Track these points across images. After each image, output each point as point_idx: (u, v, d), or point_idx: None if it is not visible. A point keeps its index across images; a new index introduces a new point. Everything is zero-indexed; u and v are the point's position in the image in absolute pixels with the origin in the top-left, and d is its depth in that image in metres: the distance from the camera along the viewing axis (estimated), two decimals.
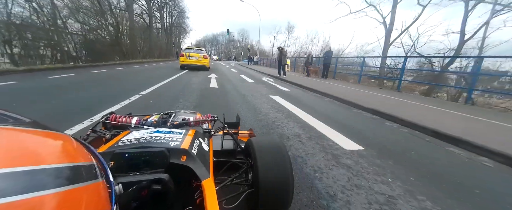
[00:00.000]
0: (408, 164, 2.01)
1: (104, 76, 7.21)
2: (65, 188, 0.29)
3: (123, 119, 1.16)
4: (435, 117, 3.69)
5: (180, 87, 5.61)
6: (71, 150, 0.37)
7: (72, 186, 0.30)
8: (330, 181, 1.62)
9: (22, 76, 6.36)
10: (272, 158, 1.04)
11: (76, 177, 0.32)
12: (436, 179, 1.78)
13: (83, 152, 0.40)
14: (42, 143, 0.34)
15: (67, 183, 0.29)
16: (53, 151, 0.34)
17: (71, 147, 0.38)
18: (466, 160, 2.24)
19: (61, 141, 0.38)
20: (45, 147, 0.34)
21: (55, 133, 0.39)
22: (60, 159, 0.32)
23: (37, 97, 3.68)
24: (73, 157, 0.35)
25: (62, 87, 4.83)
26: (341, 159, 2.01)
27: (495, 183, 1.83)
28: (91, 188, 0.34)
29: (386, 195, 1.50)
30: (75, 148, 0.39)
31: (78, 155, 0.37)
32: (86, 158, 0.38)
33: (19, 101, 3.37)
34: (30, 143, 0.32)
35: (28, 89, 4.43)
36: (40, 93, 3.99)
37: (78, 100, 3.62)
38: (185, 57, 10.86)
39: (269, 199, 0.99)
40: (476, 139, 2.52)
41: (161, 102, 3.83)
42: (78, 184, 0.31)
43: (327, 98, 5.39)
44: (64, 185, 0.29)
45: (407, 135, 2.91)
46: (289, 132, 2.66)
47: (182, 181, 0.78)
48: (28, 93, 3.97)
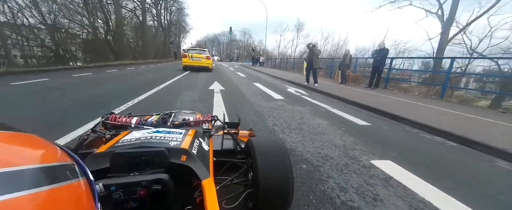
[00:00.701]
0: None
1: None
2: (43, 189, 0.28)
3: (123, 119, 1.16)
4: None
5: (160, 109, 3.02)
6: (44, 150, 0.37)
7: (50, 186, 0.29)
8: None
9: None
10: (272, 158, 1.04)
11: (53, 177, 0.31)
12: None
13: (57, 152, 0.39)
14: (12, 144, 0.34)
15: (45, 184, 0.29)
16: (26, 152, 0.33)
17: (44, 148, 0.38)
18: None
19: (32, 142, 0.37)
20: (16, 149, 0.33)
21: (26, 134, 0.38)
22: (37, 159, 0.32)
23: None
24: (49, 157, 0.35)
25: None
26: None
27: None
28: (70, 187, 0.33)
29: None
30: (48, 148, 0.38)
31: (52, 155, 0.36)
32: (61, 158, 0.38)
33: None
34: (4, 145, 0.32)
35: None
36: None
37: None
38: (188, 58, 10.56)
39: (269, 199, 0.99)
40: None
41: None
42: (56, 184, 0.30)
43: (451, 142, 2.73)
44: (42, 185, 0.28)
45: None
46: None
47: (182, 180, 0.77)
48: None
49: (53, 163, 0.34)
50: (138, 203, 0.63)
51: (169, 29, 36.82)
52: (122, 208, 0.62)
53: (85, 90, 4.66)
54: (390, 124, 3.44)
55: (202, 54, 10.80)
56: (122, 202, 0.61)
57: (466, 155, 2.39)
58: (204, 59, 10.69)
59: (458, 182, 1.73)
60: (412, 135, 2.97)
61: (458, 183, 1.72)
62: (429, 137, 2.91)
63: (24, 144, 0.36)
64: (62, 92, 4.38)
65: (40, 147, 0.37)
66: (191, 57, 10.61)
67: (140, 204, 0.63)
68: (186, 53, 10.81)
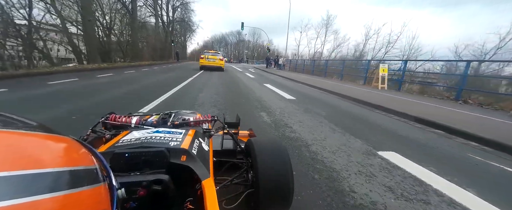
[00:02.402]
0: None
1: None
2: (64, 193, 0.28)
3: (123, 118, 1.16)
4: None
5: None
6: (73, 153, 0.37)
7: (72, 191, 0.29)
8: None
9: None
10: (272, 158, 1.04)
11: (76, 181, 0.31)
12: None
13: (85, 155, 0.39)
14: (44, 146, 0.34)
15: (66, 188, 0.29)
16: (55, 154, 0.34)
17: (73, 150, 0.38)
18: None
19: (63, 144, 0.37)
20: (46, 151, 0.33)
21: (58, 136, 0.38)
22: (61, 162, 0.32)
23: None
24: (74, 160, 0.35)
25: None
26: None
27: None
28: (91, 192, 0.33)
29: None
30: (77, 151, 0.38)
31: (80, 158, 0.37)
32: (88, 162, 0.38)
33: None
34: (32, 146, 0.32)
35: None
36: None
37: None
38: (204, 60, 12.69)
39: (269, 199, 0.98)
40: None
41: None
42: (78, 189, 0.30)
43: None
44: (63, 189, 0.28)
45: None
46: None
47: (182, 181, 0.77)
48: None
49: (80, 166, 0.34)
50: (138, 203, 0.63)
51: (172, 26, 32.36)
52: (122, 208, 0.61)
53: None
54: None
55: (216, 56, 12.93)
56: (122, 202, 0.59)
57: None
58: (218, 60, 12.74)
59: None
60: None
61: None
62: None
63: (54, 145, 0.36)
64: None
65: (69, 149, 0.37)
66: (207, 59, 12.64)
67: (140, 204, 0.63)
68: (203, 56, 12.93)
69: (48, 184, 0.27)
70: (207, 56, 12.74)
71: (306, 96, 5.84)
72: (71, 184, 0.30)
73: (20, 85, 4.89)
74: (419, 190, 1.60)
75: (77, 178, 0.32)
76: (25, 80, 5.73)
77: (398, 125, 3.54)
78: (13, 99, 3.63)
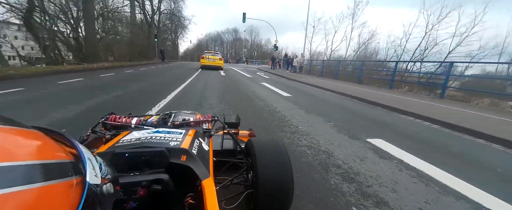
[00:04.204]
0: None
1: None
2: (28, 187, 0.28)
3: (123, 119, 1.15)
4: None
5: None
6: (34, 146, 0.35)
7: (29, 186, 0.28)
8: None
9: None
10: (272, 158, 1.03)
11: (36, 175, 0.30)
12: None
13: (52, 148, 0.38)
14: (6, 139, 0.33)
15: (22, 183, 0.28)
16: (18, 147, 0.33)
17: (37, 143, 0.36)
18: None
19: (25, 137, 0.36)
20: (8, 144, 0.32)
21: (22, 129, 0.37)
22: (18, 156, 0.30)
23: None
24: (36, 154, 0.33)
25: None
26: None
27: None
28: (53, 188, 0.32)
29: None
30: (42, 144, 0.37)
31: (43, 152, 0.35)
32: (55, 156, 0.36)
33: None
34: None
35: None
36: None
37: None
38: (205, 59, 13.37)
39: (269, 199, 0.98)
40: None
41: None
42: (37, 184, 0.29)
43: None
44: (19, 184, 0.27)
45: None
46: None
47: (182, 180, 0.76)
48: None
49: (44, 160, 0.33)
50: (138, 203, 0.63)
51: (158, 18, 27.56)
52: (122, 208, 0.60)
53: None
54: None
55: (216, 56, 13.88)
56: (122, 202, 0.60)
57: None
58: (217, 60, 13.62)
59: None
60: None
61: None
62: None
63: (17, 138, 0.35)
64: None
65: (34, 142, 0.36)
66: (207, 58, 13.43)
67: (140, 204, 0.63)
68: (204, 56, 13.72)
69: (10, 177, 0.27)
70: (208, 57, 13.58)
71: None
72: (31, 179, 0.29)
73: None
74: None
75: (39, 173, 0.30)
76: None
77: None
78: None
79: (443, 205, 1.49)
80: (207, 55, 13.70)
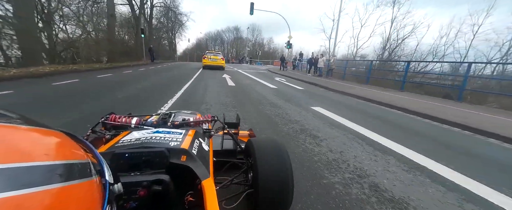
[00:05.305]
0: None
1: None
2: (53, 186, 0.28)
3: (123, 119, 1.15)
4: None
5: None
6: (61, 146, 0.36)
7: (61, 184, 0.29)
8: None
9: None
10: (272, 159, 1.03)
11: (66, 175, 0.30)
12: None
13: (75, 149, 0.38)
14: (31, 139, 0.33)
15: (56, 181, 0.28)
16: (43, 147, 0.32)
17: (62, 143, 0.37)
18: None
19: (51, 137, 0.36)
20: (33, 144, 0.32)
21: (45, 129, 0.37)
22: (50, 156, 0.31)
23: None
24: (63, 154, 0.34)
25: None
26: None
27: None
28: (82, 186, 0.32)
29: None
30: (66, 144, 0.37)
31: (69, 152, 0.35)
32: (78, 156, 0.36)
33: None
34: (18, 139, 0.31)
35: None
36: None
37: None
38: (207, 59, 13.47)
39: (269, 199, 0.98)
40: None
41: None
42: (67, 182, 0.30)
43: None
44: (53, 183, 0.28)
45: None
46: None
47: (182, 181, 0.76)
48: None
49: (69, 160, 0.33)
50: (138, 203, 0.62)
51: (150, 12, 23.83)
52: (122, 208, 0.61)
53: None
54: None
55: (217, 56, 13.88)
56: (119, 199, 0.59)
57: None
58: (219, 60, 13.60)
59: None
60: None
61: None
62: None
63: (41, 138, 0.35)
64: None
65: (57, 142, 0.36)
66: (210, 59, 13.48)
67: (140, 204, 0.63)
68: (206, 56, 13.74)
69: (37, 177, 0.27)
70: (210, 57, 13.58)
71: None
72: (62, 178, 0.29)
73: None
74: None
75: (67, 172, 0.31)
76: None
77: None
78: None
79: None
80: (209, 55, 13.85)
